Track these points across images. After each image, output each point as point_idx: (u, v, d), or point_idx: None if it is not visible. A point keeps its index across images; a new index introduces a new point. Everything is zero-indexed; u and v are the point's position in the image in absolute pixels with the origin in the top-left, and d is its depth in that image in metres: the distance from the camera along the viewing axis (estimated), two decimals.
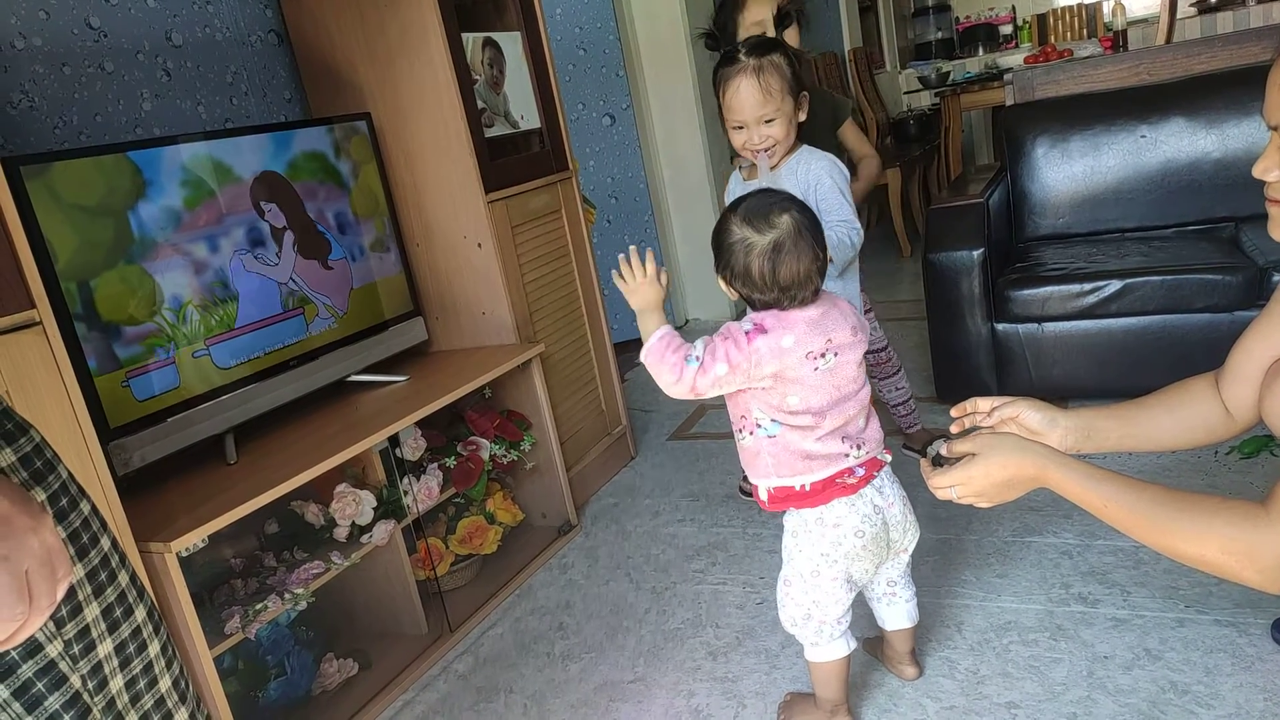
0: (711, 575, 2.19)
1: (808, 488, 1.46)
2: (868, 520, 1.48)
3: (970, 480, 1.16)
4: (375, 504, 1.93)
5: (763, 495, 1.52)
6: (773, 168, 1.89)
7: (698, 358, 1.40)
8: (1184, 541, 0.99)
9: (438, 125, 2.32)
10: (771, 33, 2.17)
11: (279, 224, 2.00)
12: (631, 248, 1.52)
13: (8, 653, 0.73)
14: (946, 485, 1.18)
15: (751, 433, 1.47)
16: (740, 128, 1.85)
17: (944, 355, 2.75)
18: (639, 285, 1.51)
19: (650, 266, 1.51)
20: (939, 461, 1.23)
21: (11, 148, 1.80)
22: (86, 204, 1.64)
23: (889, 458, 1.54)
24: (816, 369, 1.40)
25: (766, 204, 1.41)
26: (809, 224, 1.40)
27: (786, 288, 1.38)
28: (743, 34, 2.21)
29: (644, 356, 1.45)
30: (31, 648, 0.75)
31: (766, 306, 1.42)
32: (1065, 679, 1.64)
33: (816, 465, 1.45)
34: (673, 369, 1.42)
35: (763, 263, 1.38)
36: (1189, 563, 1.00)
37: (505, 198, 2.44)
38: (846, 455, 1.46)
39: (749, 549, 2.27)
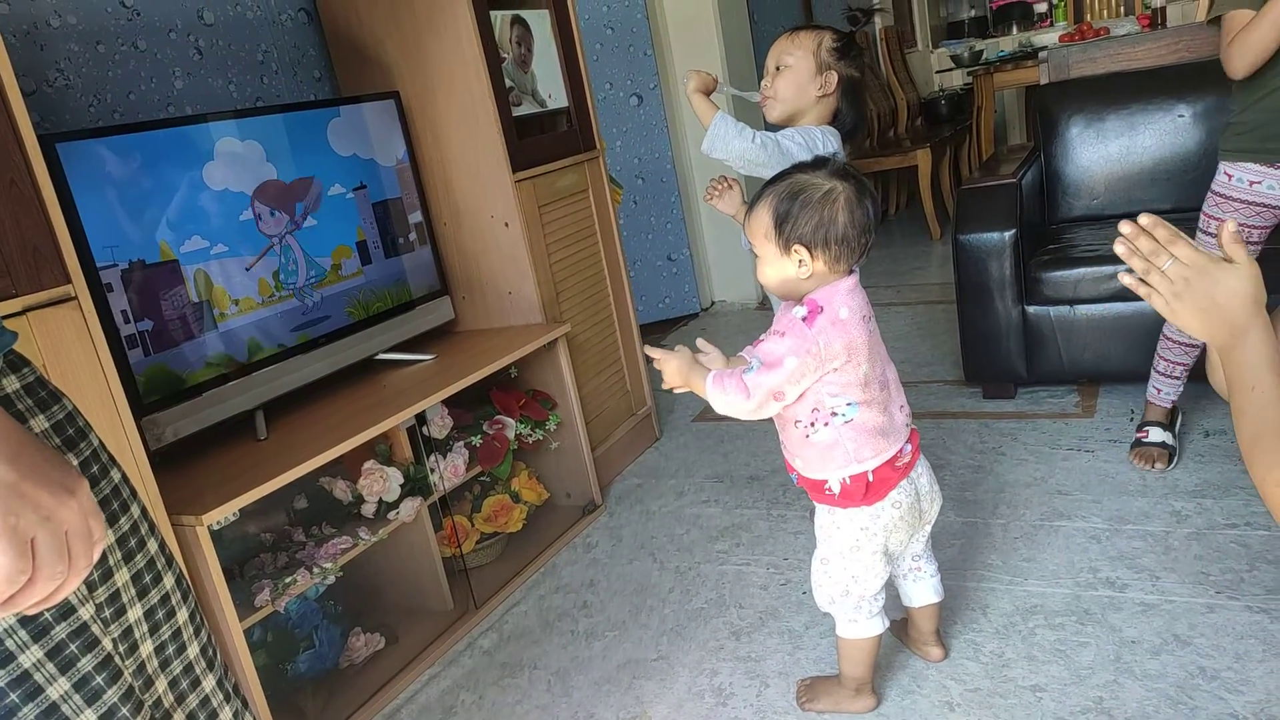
0: (735, 556, 2.19)
1: (871, 477, 1.44)
2: (903, 490, 1.48)
3: (1199, 274, 0.96)
4: (402, 481, 1.95)
5: (835, 488, 1.45)
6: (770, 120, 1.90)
7: (758, 360, 1.36)
8: None
9: (465, 104, 2.32)
10: None
11: (307, 203, 2.02)
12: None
13: (41, 614, 0.74)
14: (1174, 255, 0.99)
15: (826, 424, 1.40)
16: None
17: (973, 338, 2.72)
18: (669, 357, 1.44)
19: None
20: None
21: (48, 125, 1.82)
22: (119, 181, 1.66)
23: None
24: (870, 332, 1.40)
25: (822, 160, 1.39)
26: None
27: (866, 230, 1.35)
28: None
29: (714, 406, 1.39)
30: (65, 610, 0.76)
31: (832, 273, 1.36)
32: (1092, 663, 1.62)
33: (891, 441, 1.45)
34: (738, 391, 1.35)
35: (850, 211, 1.34)
36: None
37: (532, 177, 2.44)
38: (906, 425, 1.48)
39: (773, 530, 2.27)
